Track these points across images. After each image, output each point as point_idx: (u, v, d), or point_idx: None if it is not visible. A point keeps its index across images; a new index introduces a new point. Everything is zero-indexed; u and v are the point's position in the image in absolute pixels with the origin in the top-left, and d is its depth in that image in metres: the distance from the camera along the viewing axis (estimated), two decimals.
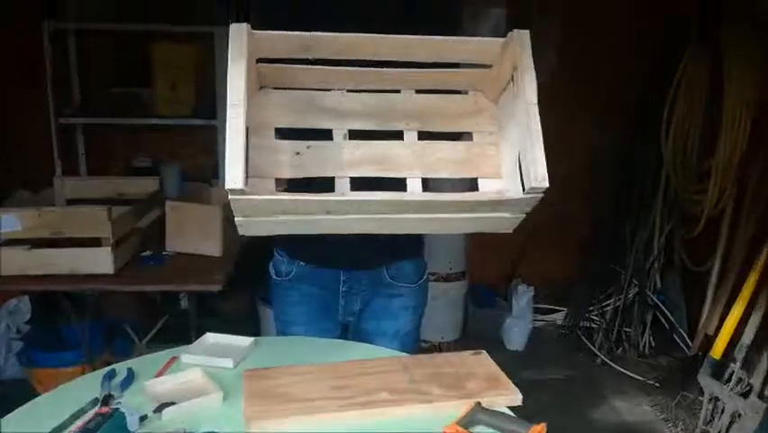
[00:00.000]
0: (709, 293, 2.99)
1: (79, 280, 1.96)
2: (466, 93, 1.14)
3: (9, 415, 1.09)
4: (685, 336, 3.31)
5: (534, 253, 3.66)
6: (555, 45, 3.42)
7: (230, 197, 0.91)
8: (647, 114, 3.41)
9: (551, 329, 3.66)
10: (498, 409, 1.10)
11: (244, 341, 1.37)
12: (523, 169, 1.00)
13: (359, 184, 1.05)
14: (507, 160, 1.09)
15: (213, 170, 3.41)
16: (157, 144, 3.43)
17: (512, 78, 1.04)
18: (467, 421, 1.06)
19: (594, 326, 3.48)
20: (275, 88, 1.09)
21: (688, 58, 3.14)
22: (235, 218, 0.99)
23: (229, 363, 1.27)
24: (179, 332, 2.59)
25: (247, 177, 0.91)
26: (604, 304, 3.50)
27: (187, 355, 1.30)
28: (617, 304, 3.45)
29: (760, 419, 2.39)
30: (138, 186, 2.37)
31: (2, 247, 1.93)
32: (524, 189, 0.99)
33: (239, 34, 0.97)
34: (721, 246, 2.96)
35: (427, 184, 1.09)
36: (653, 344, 3.42)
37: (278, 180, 1.05)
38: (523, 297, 3.47)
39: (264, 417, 1.07)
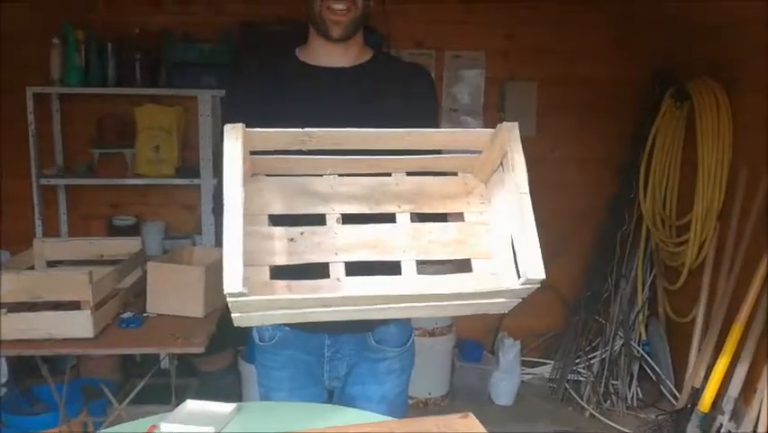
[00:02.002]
0: (694, 344, 3.00)
1: (58, 344, 1.90)
2: (455, 174, 1.17)
3: None
4: (672, 387, 3.29)
5: (518, 305, 3.65)
6: (534, 104, 3.53)
7: (228, 299, 0.92)
8: (627, 168, 3.48)
9: (539, 383, 3.62)
10: None
11: (226, 408, 1.33)
12: (518, 258, 1.02)
13: (353, 267, 1.06)
14: (499, 240, 1.10)
15: (195, 227, 3.41)
16: (139, 203, 3.43)
17: (501, 163, 1.08)
18: None
19: (582, 378, 3.45)
20: (267, 175, 1.11)
21: (662, 114, 3.24)
22: (232, 313, 0.98)
23: (210, 430, 1.24)
24: (159, 392, 2.55)
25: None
26: (590, 356, 3.49)
27: (166, 424, 1.27)
28: (604, 356, 3.44)
29: None
30: (120, 246, 2.34)
31: None
32: (518, 272, 1.01)
33: (234, 136, 0.99)
34: (703, 298, 2.98)
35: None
36: (641, 396, 3.40)
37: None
38: (510, 351, 3.45)
39: None
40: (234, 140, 0.98)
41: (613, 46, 3.49)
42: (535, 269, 0.96)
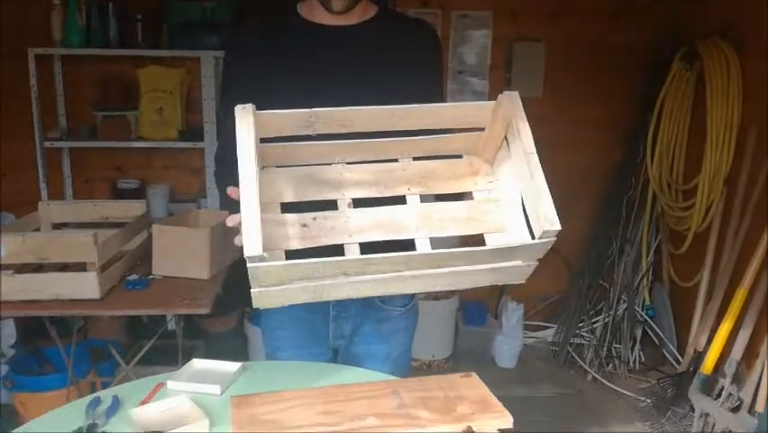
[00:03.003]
0: (698, 309, 3.00)
1: (65, 305, 1.92)
2: (460, 157, 1.17)
3: None
4: (675, 351, 3.31)
5: None
6: (541, 65, 3.47)
7: (248, 265, 0.93)
8: (635, 132, 3.44)
9: (541, 346, 3.66)
10: None
11: (232, 366, 1.35)
12: (530, 216, 1.03)
13: (367, 249, 1.06)
14: (510, 213, 1.12)
15: (200, 191, 3.41)
16: (144, 166, 3.42)
17: (506, 139, 1.09)
18: None
19: (584, 342, 3.48)
20: (277, 167, 1.12)
21: (672, 77, 3.19)
22: (251, 289, 0.99)
23: (216, 389, 1.26)
24: (166, 353, 2.57)
25: None
26: (594, 320, 3.51)
27: (173, 382, 1.28)
28: (607, 320, 3.45)
29: None
30: (124, 209, 2.34)
31: None
32: (533, 237, 1.02)
33: (245, 115, 1.00)
34: (708, 262, 2.98)
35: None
36: (644, 359, 3.43)
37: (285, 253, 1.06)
38: (513, 315, 3.47)
39: None
40: (246, 119, 0.99)
41: (622, 6, 3.43)
42: (549, 220, 0.97)
